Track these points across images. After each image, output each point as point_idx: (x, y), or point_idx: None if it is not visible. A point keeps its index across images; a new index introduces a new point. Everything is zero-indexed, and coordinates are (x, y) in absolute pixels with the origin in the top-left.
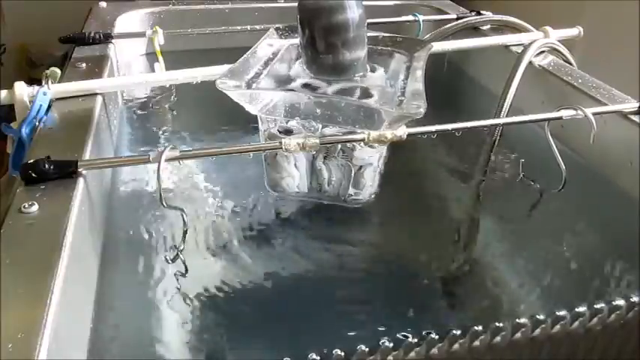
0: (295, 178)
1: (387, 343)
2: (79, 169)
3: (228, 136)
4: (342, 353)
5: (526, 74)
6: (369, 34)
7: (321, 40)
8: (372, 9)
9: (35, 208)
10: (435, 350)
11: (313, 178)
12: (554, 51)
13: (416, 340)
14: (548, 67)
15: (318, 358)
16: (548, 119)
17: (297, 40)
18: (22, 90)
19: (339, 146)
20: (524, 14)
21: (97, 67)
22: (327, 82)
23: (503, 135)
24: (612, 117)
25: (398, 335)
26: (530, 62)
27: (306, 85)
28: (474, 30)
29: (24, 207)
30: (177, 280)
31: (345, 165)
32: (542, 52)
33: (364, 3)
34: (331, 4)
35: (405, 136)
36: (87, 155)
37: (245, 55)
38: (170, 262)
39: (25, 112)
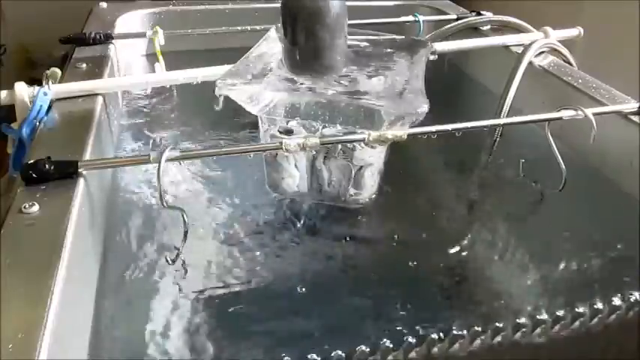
0: (295, 178)
1: (387, 343)
2: (80, 170)
3: (229, 136)
4: (343, 353)
5: (526, 74)
6: (369, 35)
7: (303, 34)
8: (372, 9)
9: (36, 208)
10: (435, 350)
11: (313, 179)
12: (554, 51)
13: (416, 340)
14: (549, 67)
15: (319, 358)
16: (548, 119)
17: None
18: (22, 90)
19: (340, 146)
20: (524, 14)
21: (97, 68)
22: (327, 83)
23: (503, 135)
24: (612, 117)
25: (398, 335)
26: (531, 62)
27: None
28: (474, 30)
29: (24, 207)
30: (178, 280)
31: (345, 165)
32: (543, 52)
33: (365, 4)
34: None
35: (405, 136)
36: (87, 156)
37: (245, 56)
38: (171, 262)
39: (25, 112)
